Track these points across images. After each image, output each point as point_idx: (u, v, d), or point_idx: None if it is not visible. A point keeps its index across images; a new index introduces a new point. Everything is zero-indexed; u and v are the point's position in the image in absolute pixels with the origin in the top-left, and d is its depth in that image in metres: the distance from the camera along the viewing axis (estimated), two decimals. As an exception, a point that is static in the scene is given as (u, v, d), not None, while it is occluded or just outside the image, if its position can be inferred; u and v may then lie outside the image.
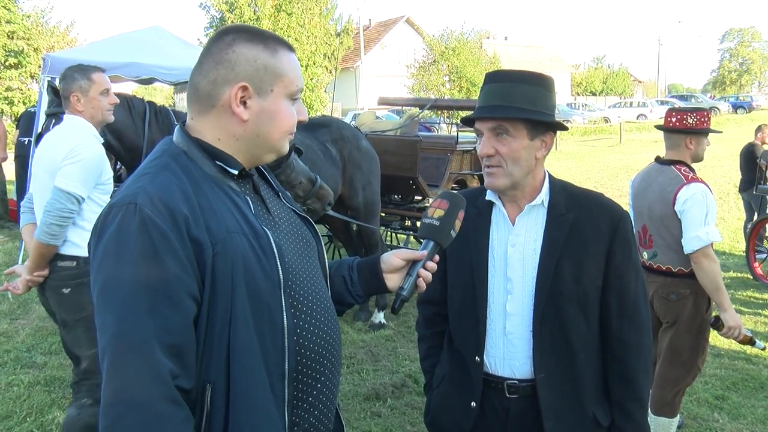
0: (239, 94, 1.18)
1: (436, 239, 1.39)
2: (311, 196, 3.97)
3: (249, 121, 1.20)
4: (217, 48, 1.20)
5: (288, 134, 1.25)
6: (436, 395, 1.78)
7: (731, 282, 6.51)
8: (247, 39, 1.20)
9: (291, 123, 1.24)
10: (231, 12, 23.80)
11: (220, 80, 1.18)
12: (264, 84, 1.19)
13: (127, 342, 1.03)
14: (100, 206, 2.72)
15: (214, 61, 1.19)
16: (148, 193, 1.09)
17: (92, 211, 2.76)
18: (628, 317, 1.61)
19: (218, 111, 1.20)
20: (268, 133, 1.22)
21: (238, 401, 1.11)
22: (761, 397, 3.93)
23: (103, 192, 2.85)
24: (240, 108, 1.19)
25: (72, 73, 2.88)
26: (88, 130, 2.85)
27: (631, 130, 27.29)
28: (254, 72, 1.18)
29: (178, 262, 1.07)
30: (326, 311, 1.29)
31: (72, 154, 2.70)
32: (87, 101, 2.85)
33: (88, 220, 2.72)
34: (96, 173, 2.77)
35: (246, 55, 1.18)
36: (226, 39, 1.20)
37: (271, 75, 1.20)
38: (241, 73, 1.18)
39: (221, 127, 1.20)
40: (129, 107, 4.03)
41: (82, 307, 2.73)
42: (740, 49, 60.27)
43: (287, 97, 1.23)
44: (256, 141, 1.22)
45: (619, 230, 1.60)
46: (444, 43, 34.34)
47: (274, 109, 1.21)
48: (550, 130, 1.60)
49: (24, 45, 20.00)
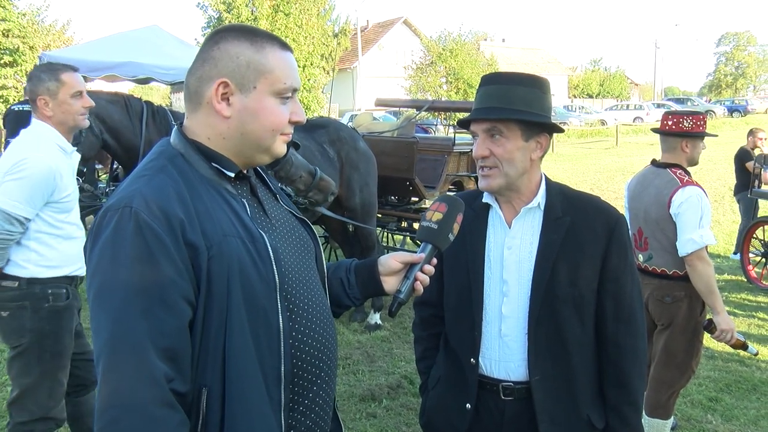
0: (220, 91, 1.17)
1: (434, 242, 1.39)
2: (312, 189, 4.03)
3: (232, 118, 1.19)
4: (206, 46, 1.20)
5: (277, 133, 1.22)
6: (431, 396, 1.79)
7: (725, 285, 6.54)
8: (234, 37, 1.19)
9: (277, 121, 1.21)
10: (228, 12, 23.77)
11: (204, 77, 1.18)
12: (246, 80, 1.18)
13: (121, 345, 1.03)
14: (53, 226, 2.53)
15: (201, 59, 1.20)
16: (144, 196, 1.09)
17: (41, 231, 2.51)
18: (624, 321, 1.62)
19: (205, 109, 1.20)
20: (252, 131, 1.20)
21: (233, 405, 1.11)
22: (753, 398, 3.96)
23: (58, 210, 2.54)
24: (222, 104, 1.18)
25: (39, 73, 2.59)
26: (48, 140, 2.54)
27: (627, 133, 27.38)
28: (236, 68, 1.17)
29: (173, 265, 1.07)
30: (323, 314, 1.29)
31: (16, 168, 2.41)
32: (56, 105, 2.55)
33: (36, 240, 2.51)
34: (45, 190, 2.46)
35: (229, 52, 1.18)
36: (215, 37, 1.20)
37: (254, 71, 1.18)
38: (223, 69, 1.17)
39: (209, 126, 1.20)
40: (126, 107, 4.02)
41: (20, 334, 2.52)
42: (736, 53, 60.48)
43: (273, 95, 1.20)
44: (242, 139, 1.21)
45: (615, 234, 1.61)
46: (441, 44, 34.37)
47: (258, 106, 1.19)
48: (544, 131, 1.60)
49: (19, 43, 19.92)
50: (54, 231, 2.56)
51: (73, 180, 2.65)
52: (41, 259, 2.54)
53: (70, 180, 2.61)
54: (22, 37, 20.09)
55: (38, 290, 2.53)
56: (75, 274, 2.67)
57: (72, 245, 2.63)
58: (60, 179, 2.51)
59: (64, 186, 2.54)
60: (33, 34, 20.67)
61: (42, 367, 2.56)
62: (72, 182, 2.62)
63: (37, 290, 2.53)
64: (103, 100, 3.91)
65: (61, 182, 2.52)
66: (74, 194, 2.64)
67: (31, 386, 2.56)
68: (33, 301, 2.53)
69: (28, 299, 2.52)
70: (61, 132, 2.60)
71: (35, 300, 2.53)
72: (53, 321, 2.57)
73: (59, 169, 2.50)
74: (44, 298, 2.54)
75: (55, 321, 2.58)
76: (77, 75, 2.65)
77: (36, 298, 2.53)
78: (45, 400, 2.57)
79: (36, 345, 2.55)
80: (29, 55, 19.23)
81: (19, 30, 20.01)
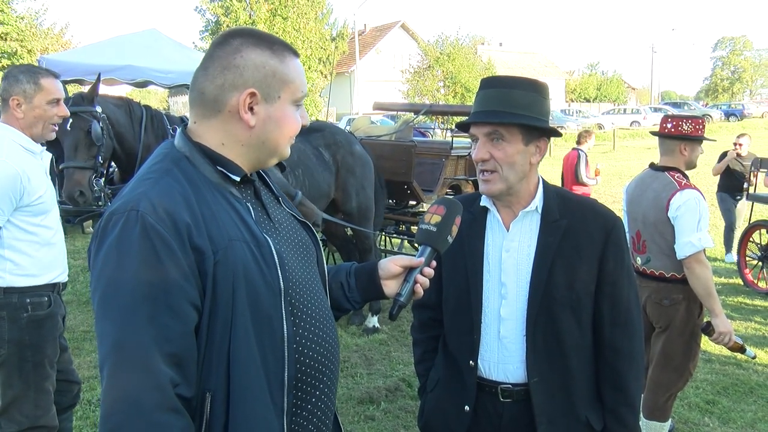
0: (247, 101, 1.17)
1: (433, 245, 1.40)
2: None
3: (256, 128, 1.19)
4: (224, 52, 1.18)
5: (292, 139, 1.26)
6: (430, 399, 1.79)
7: (722, 288, 6.56)
8: (254, 44, 1.19)
9: (296, 128, 1.25)
10: (226, 16, 23.81)
11: (227, 86, 1.17)
12: (272, 90, 1.19)
13: (127, 350, 1.03)
14: (27, 231, 2.45)
15: (221, 66, 1.18)
16: (150, 199, 1.08)
17: (16, 238, 2.43)
18: (621, 325, 1.63)
19: (225, 116, 1.19)
20: (274, 139, 1.22)
21: (237, 410, 1.11)
22: (750, 401, 3.97)
23: (32, 214, 2.45)
24: (248, 114, 1.18)
25: (17, 73, 2.50)
26: (10, 141, 2.44)
27: (624, 137, 27.45)
28: (263, 78, 1.18)
29: (179, 270, 1.06)
30: (325, 318, 1.29)
31: None
32: (29, 108, 2.47)
33: (10, 248, 2.43)
34: (12, 195, 2.37)
35: (254, 61, 1.18)
36: (233, 43, 1.19)
37: (279, 81, 1.20)
38: (249, 79, 1.17)
39: (227, 133, 1.20)
40: (130, 111, 4.03)
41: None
42: (732, 58, 60.71)
43: (293, 103, 1.23)
44: (262, 147, 1.22)
45: (612, 237, 1.61)
46: (439, 48, 34.42)
47: (281, 115, 1.21)
48: (544, 135, 1.61)
49: (17, 47, 19.89)
50: (29, 237, 2.47)
51: (45, 181, 2.54)
52: (17, 268, 2.45)
53: (41, 181, 2.50)
54: (20, 41, 20.07)
55: (16, 300, 2.45)
56: (57, 281, 2.59)
57: (50, 251, 2.55)
58: (28, 182, 2.41)
59: (34, 188, 2.44)
60: (31, 38, 20.64)
61: (24, 378, 2.50)
62: (44, 183, 2.52)
63: (15, 300, 2.45)
64: (111, 104, 3.93)
65: (30, 185, 2.42)
66: (48, 196, 2.53)
67: (16, 397, 2.50)
68: (10, 311, 2.45)
69: (5, 309, 2.45)
70: (28, 135, 2.52)
71: (12, 310, 2.45)
72: (33, 331, 2.50)
73: (26, 172, 2.41)
74: (23, 308, 2.47)
75: (34, 331, 2.50)
76: (58, 82, 2.58)
77: (14, 307, 2.45)
78: (32, 410, 2.52)
79: (15, 356, 2.48)
80: (27, 58, 19.19)
81: (17, 33, 19.98)
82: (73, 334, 4.93)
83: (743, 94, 60.48)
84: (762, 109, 41.69)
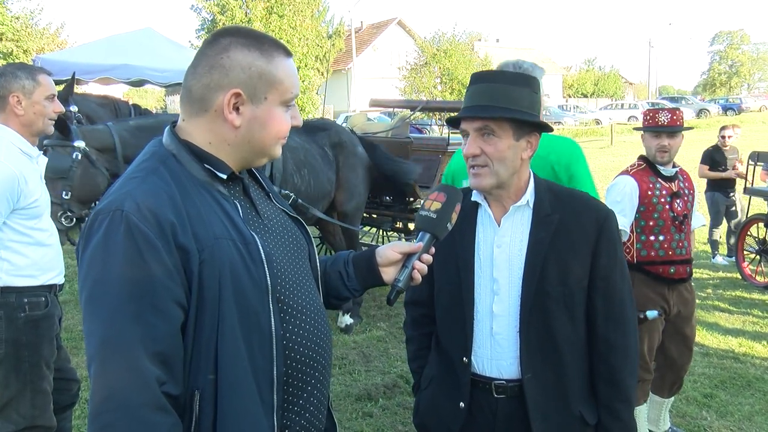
0: (232, 101, 1.17)
1: (432, 231, 1.39)
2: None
3: (241, 128, 1.19)
4: (213, 51, 1.18)
5: (280, 140, 1.25)
6: (424, 396, 1.79)
7: (720, 282, 6.57)
8: (243, 44, 1.18)
9: (284, 129, 1.24)
10: (222, 14, 23.71)
11: (213, 85, 1.17)
12: (258, 91, 1.18)
13: (113, 349, 1.03)
14: (23, 234, 2.46)
15: (208, 65, 1.18)
16: (135, 199, 1.09)
17: (11, 239, 2.43)
18: (614, 319, 1.62)
19: (211, 116, 1.19)
20: (260, 139, 1.21)
21: (225, 408, 1.11)
22: (748, 395, 3.97)
23: (27, 217, 2.45)
24: (232, 114, 1.18)
25: (14, 70, 2.50)
26: (9, 143, 2.44)
27: (622, 132, 27.41)
28: (248, 79, 1.17)
29: (164, 269, 1.07)
30: (316, 314, 1.29)
31: None
32: (29, 104, 2.48)
33: (6, 249, 2.43)
34: (10, 197, 2.37)
35: (240, 62, 1.17)
36: (222, 42, 1.18)
37: (266, 83, 1.19)
38: (234, 80, 1.17)
39: (213, 132, 1.20)
40: (116, 110, 4.02)
41: None
42: (729, 52, 60.67)
43: (281, 105, 1.22)
44: (248, 147, 1.22)
45: (604, 230, 1.61)
46: (435, 45, 34.39)
47: (267, 116, 1.20)
48: (535, 130, 1.61)
49: (13, 47, 19.85)
50: (24, 239, 2.48)
51: (40, 185, 2.55)
52: (13, 268, 2.46)
53: (37, 185, 2.52)
54: (16, 41, 20.03)
55: (13, 299, 2.46)
56: (53, 282, 2.59)
57: (45, 252, 2.55)
58: (25, 185, 2.42)
59: (30, 192, 2.45)
60: (26, 38, 20.60)
61: (21, 378, 2.50)
62: (39, 187, 2.53)
63: (12, 299, 2.46)
64: (93, 103, 3.90)
65: (27, 188, 2.43)
66: (43, 200, 2.55)
67: (12, 397, 2.50)
68: (7, 311, 2.45)
69: (2, 309, 2.45)
70: (26, 135, 2.53)
71: (10, 309, 2.46)
72: (30, 331, 2.50)
73: (23, 175, 2.42)
74: (20, 308, 2.47)
75: (32, 330, 2.50)
76: (51, 79, 2.60)
77: (11, 307, 2.46)
78: (28, 410, 2.51)
79: (13, 355, 2.48)
80: (23, 58, 19.13)
81: (12, 33, 19.94)
82: (72, 334, 4.93)
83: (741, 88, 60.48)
84: (760, 102, 41.67)
